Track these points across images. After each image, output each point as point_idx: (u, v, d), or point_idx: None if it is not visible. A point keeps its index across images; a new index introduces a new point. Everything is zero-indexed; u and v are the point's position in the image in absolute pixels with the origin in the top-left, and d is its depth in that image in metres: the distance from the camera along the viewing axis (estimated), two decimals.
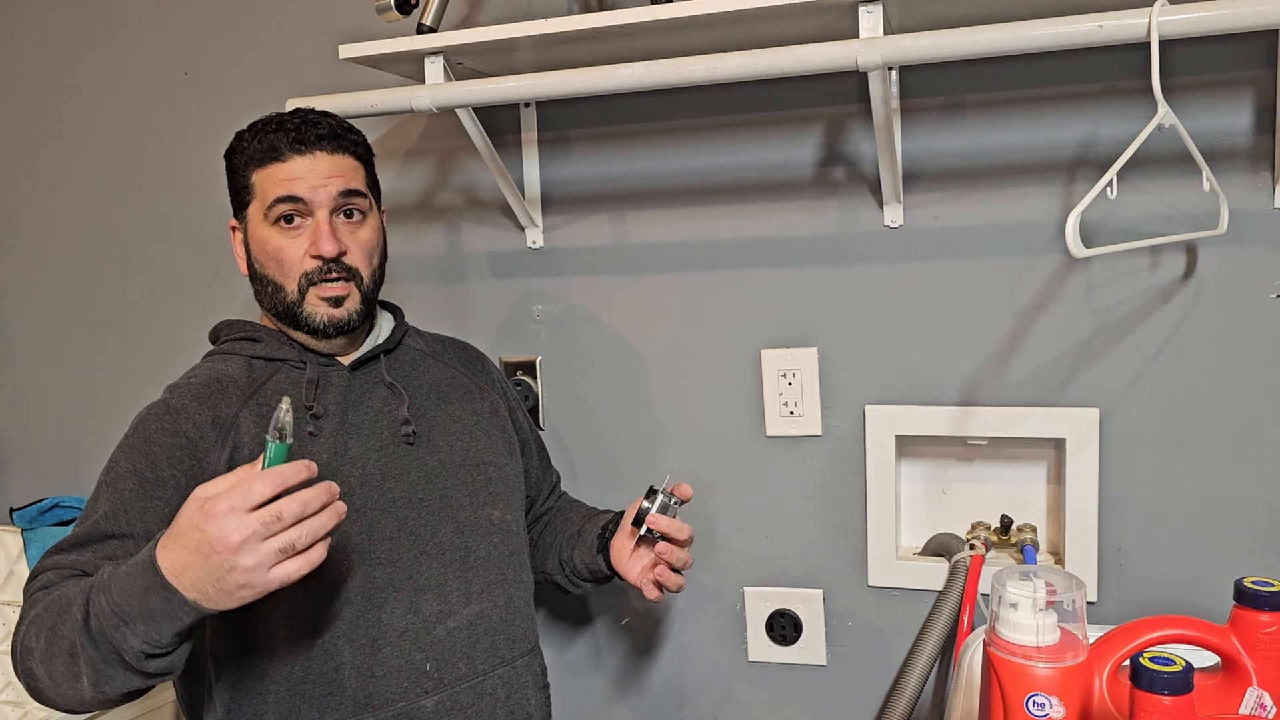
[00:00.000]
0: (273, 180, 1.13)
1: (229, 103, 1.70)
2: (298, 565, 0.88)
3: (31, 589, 1.02)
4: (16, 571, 1.81)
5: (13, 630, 1.03)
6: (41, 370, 1.92)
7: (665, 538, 1.22)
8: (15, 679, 1.80)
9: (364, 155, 1.20)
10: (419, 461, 1.18)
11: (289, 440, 0.89)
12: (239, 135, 1.17)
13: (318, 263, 1.13)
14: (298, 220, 1.13)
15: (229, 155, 1.18)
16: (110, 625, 0.90)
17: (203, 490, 0.89)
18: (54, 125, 1.84)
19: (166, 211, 1.78)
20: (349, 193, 1.15)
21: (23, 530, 1.81)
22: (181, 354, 1.77)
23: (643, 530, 1.21)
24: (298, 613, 1.09)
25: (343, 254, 1.14)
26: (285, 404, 0.89)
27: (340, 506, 0.92)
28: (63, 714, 1.05)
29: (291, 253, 1.13)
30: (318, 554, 0.90)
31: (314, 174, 1.12)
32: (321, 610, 1.09)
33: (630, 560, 1.26)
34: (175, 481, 1.08)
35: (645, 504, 1.22)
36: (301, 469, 0.89)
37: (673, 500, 1.22)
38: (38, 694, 0.96)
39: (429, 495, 1.17)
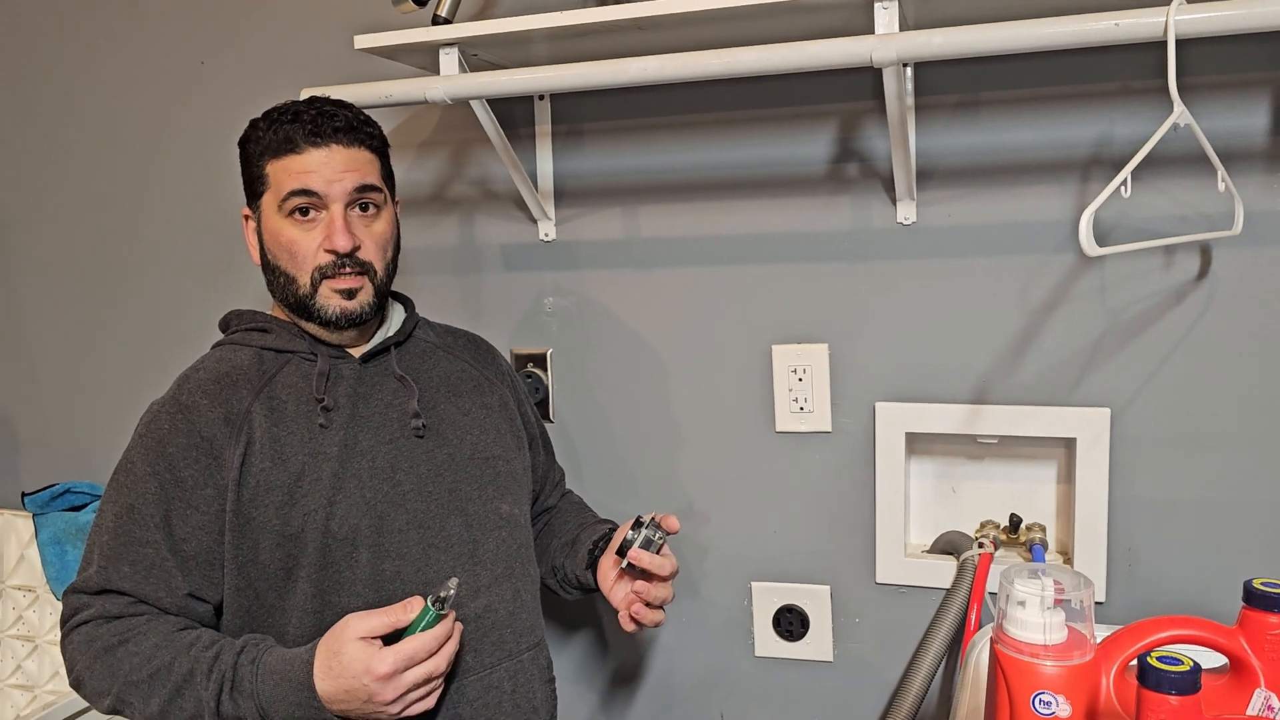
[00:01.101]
0: (287, 172, 1.12)
1: (245, 93, 1.71)
2: (422, 707, 1.06)
3: (86, 617, 1.08)
4: (28, 556, 1.82)
5: (63, 642, 1.11)
6: (54, 356, 1.94)
7: (647, 574, 1.21)
8: (24, 664, 1.82)
9: (379, 148, 1.19)
10: (428, 454, 1.18)
11: (444, 611, 1.05)
12: (254, 123, 1.16)
13: (331, 257, 1.13)
14: (312, 213, 1.12)
15: (243, 143, 1.17)
16: None
17: (357, 627, 1.02)
18: (71, 115, 1.85)
19: (183, 200, 1.79)
20: (364, 187, 1.14)
21: (34, 515, 1.82)
22: (195, 342, 1.78)
23: (625, 564, 1.19)
24: (308, 604, 1.10)
25: (357, 248, 1.13)
26: (453, 583, 1.04)
27: (456, 645, 1.08)
28: (83, 699, 1.10)
29: (305, 245, 1.13)
30: (435, 697, 1.07)
31: (329, 167, 1.12)
32: (331, 602, 1.10)
33: (613, 588, 1.25)
34: (194, 481, 1.09)
35: (630, 534, 1.20)
36: (448, 631, 1.05)
37: (658, 534, 1.20)
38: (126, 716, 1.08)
39: (438, 489, 1.17)
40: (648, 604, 1.21)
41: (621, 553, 1.20)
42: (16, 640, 1.83)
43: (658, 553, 1.20)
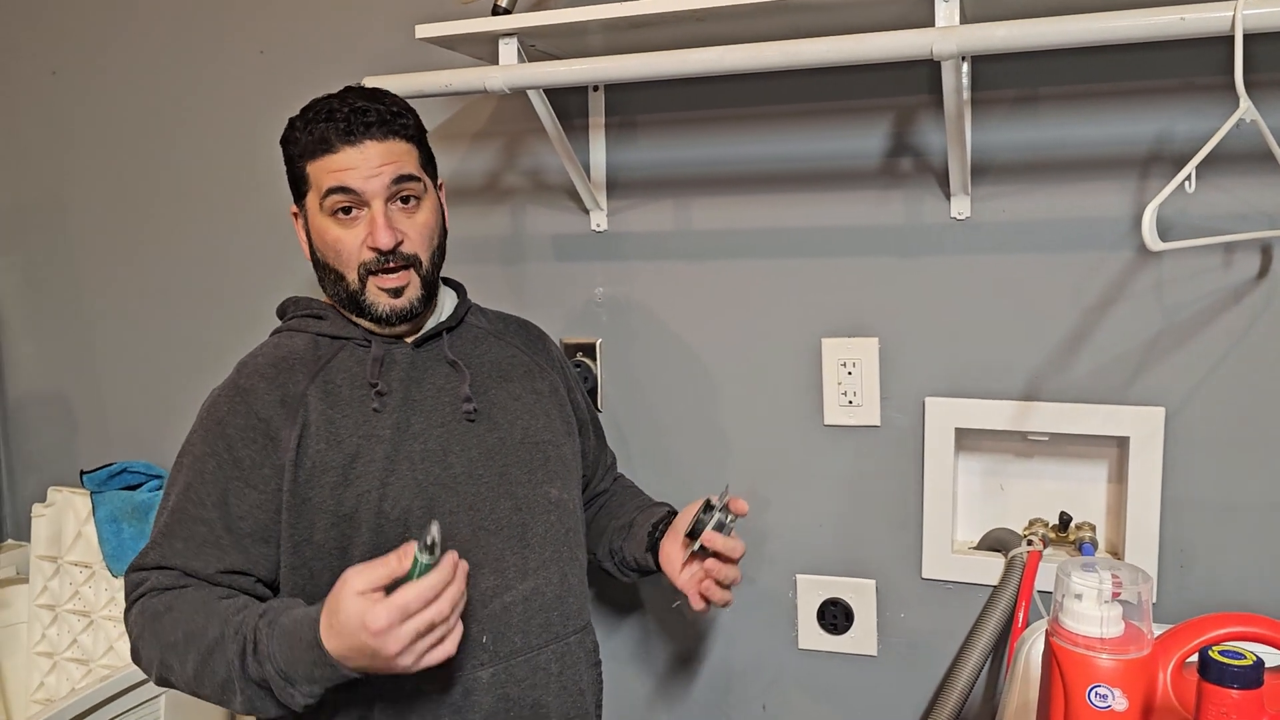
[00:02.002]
0: (325, 172, 1.13)
1: (304, 81, 1.73)
2: (440, 655, 1.00)
3: (142, 591, 1.11)
4: (85, 533, 1.86)
5: (126, 612, 1.14)
6: (113, 339, 1.98)
7: (718, 555, 1.21)
8: (79, 638, 1.86)
9: (416, 136, 1.19)
10: (479, 439, 1.19)
11: (437, 555, 1.00)
12: (291, 123, 1.17)
13: (375, 254, 1.14)
14: (354, 211, 1.14)
15: (284, 143, 1.18)
16: (277, 686, 1.02)
17: (355, 582, 0.98)
18: (134, 103, 1.89)
19: (242, 188, 1.82)
20: (402, 178, 1.14)
21: (92, 493, 1.86)
22: (250, 326, 1.81)
23: (695, 546, 1.20)
24: None
25: (400, 243, 1.14)
26: (434, 527, 0.99)
27: (461, 586, 1.02)
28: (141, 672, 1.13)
29: (349, 243, 1.14)
30: (453, 641, 1.02)
31: (366, 164, 1.12)
32: None
33: (681, 570, 1.25)
34: (251, 461, 1.12)
35: (703, 517, 1.20)
36: (448, 573, 0.99)
37: (729, 518, 1.20)
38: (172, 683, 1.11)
39: (489, 472, 1.18)
40: (718, 583, 1.22)
41: (693, 534, 1.20)
42: (73, 615, 1.88)
43: (729, 536, 1.21)
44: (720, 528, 1.19)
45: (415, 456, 1.15)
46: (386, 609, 0.96)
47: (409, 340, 1.22)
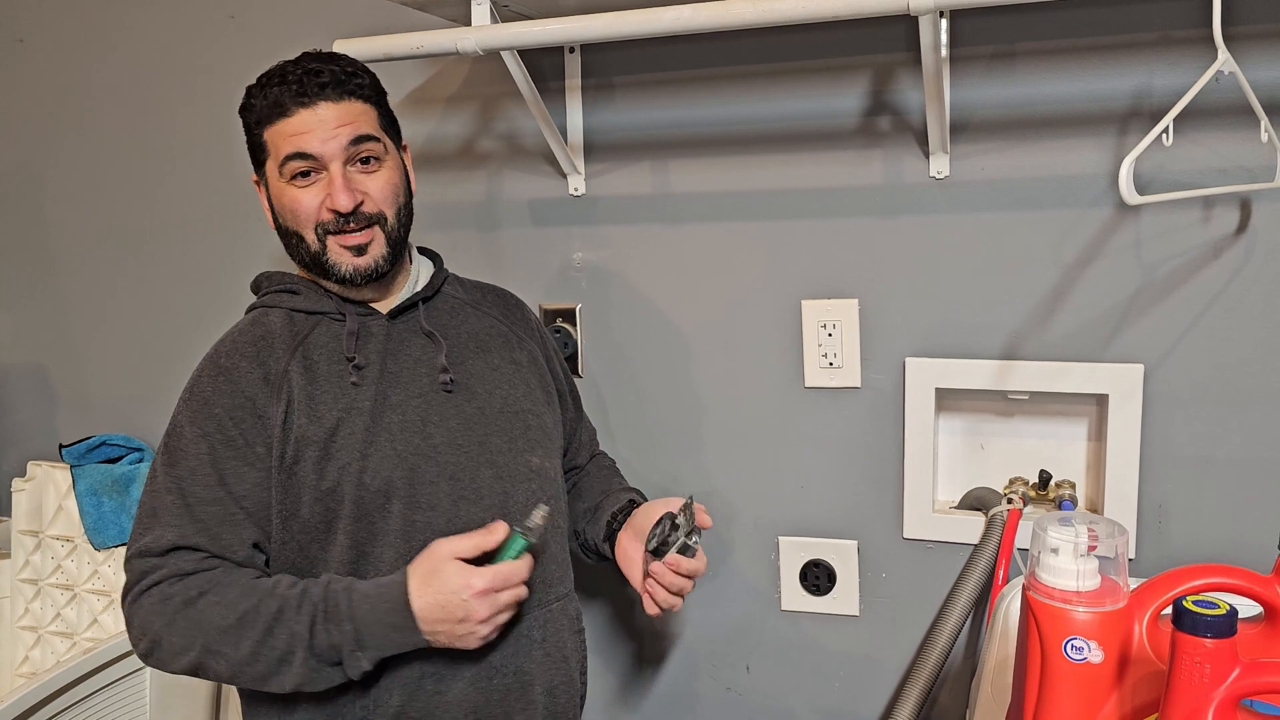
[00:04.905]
0: (282, 137, 1.11)
1: (275, 47, 1.70)
2: (493, 634, 1.08)
3: (157, 579, 1.08)
4: (66, 507, 1.85)
5: (127, 603, 1.10)
6: (89, 310, 1.96)
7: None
8: (63, 611, 1.86)
9: (373, 97, 1.17)
10: (458, 409, 1.18)
11: (533, 540, 1.09)
12: (249, 91, 1.15)
13: (333, 215, 1.13)
14: (312, 174, 1.12)
15: (242, 111, 1.16)
16: (347, 650, 1.04)
17: (448, 548, 1.06)
18: (102, 71, 1.86)
19: (216, 155, 1.79)
20: (360, 139, 1.13)
21: (71, 466, 1.85)
22: (228, 296, 1.80)
23: (658, 561, 1.18)
24: (344, 555, 1.11)
25: (360, 204, 1.13)
26: (542, 510, 1.09)
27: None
28: (151, 665, 1.11)
29: (307, 204, 1.13)
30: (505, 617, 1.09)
31: (322, 126, 1.11)
32: (365, 553, 1.12)
33: (635, 571, 1.24)
34: (245, 440, 1.11)
35: (669, 537, 1.17)
36: (530, 565, 1.10)
37: (694, 539, 1.18)
38: (204, 676, 1.09)
39: (469, 442, 1.17)
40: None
41: (657, 553, 1.18)
42: (56, 589, 1.87)
43: (695, 553, 1.19)
44: (685, 551, 1.18)
45: (394, 428, 1.14)
46: (492, 574, 1.04)
47: (384, 312, 1.20)
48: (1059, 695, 0.85)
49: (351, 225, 1.13)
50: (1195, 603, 0.75)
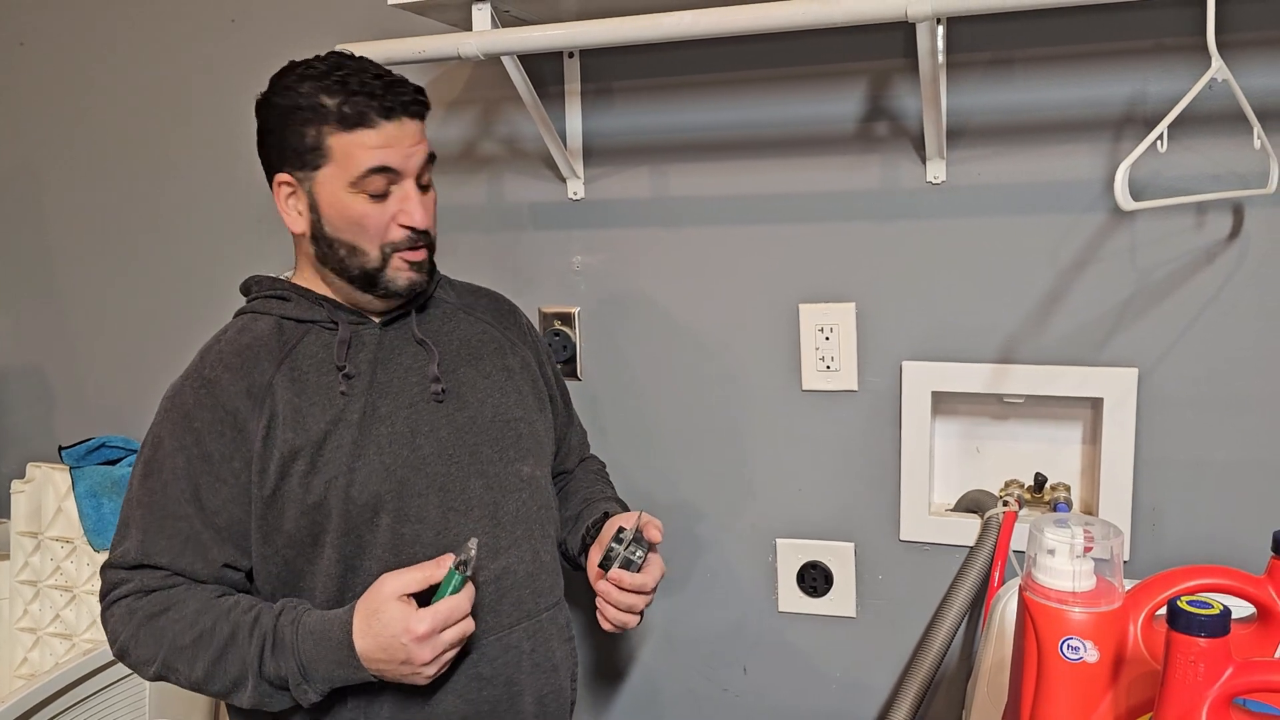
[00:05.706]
0: (362, 147, 1.07)
1: (276, 50, 1.71)
2: (440, 668, 1.07)
3: (124, 592, 1.09)
4: (65, 508, 1.85)
5: (104, 615, 1.12)
6: (90, 311, 1.96)
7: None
8: (62, 613, 1.86)
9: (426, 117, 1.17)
10: (448, 418, 1.17)
11: (468, 574, 1.06)
12: (293, 89, 1.09)
13: (406, 233, 1.11)
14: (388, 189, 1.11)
15: (287, 109, 1.10)
16: (294, 683, 1.05)
17: (393, 585, 1.04)
18: (103, 71, 1.87)
19: (213, 158, 1.80)
20: (430, 159, 1.13)
21: (71, 468, 1.85)
22: (226, 298, 1.78)
23: (607, 574, 1.18)
24: (333, 569, 1.11)
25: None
26: (473, 544, 1.05)
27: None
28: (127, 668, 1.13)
29: (377, 220, 1.10)
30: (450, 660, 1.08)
31: (404, 142, 1.09)
32: (354, 567, 1.11)
33: (597, 583, 1.22)
34: (221, 455, 1.09)
35: (612, 549, 1.17)
36: (473, 595, 1.07)
37: (637, 554, 1.17)
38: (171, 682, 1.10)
39: (459, 452, 1.16)
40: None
41: (604, 566, 1.18)
42: (55, 590, 1.87)
43: (640, 567, 1.18)
44: (629, 565, 1.17)
45: (383, 440, 1.12)
46: (431, 616, 1.02)
47: (377, 320, 1.19)
48: (1055, 694, 0.86)
49: (421, 243, 1.13)
50: (1189, 603, 0.75)
